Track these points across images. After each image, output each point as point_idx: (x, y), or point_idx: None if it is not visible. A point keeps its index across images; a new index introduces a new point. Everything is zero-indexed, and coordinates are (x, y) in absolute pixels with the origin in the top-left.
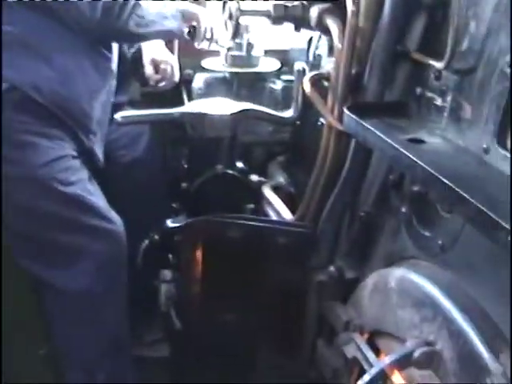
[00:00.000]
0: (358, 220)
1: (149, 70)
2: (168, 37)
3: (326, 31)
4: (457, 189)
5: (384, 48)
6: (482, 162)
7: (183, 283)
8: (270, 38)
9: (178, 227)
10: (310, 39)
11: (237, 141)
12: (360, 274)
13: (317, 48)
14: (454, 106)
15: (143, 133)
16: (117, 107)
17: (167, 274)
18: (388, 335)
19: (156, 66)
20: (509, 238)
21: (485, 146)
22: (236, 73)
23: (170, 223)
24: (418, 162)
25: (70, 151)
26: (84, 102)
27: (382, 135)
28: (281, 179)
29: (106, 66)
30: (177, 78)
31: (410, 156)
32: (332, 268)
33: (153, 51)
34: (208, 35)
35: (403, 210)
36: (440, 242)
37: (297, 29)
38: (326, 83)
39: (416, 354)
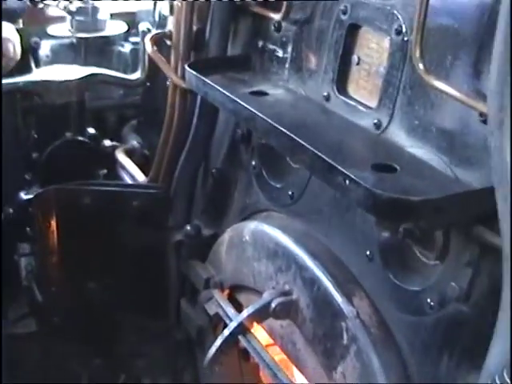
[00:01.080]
0: (211, 177)
1: None
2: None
3: None
4: (295, 137)
5: (223, 3)
6: (323, 109)
7: (41, 255)
8: (116, 1)
9: (30, 199)
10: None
11: (86, 106)
12: (217, 231)
13: (162, 8)
14: (295, 56)
15: None
16: None
17: (26, 247)
18: (247, 289)
19: None
20: (347, 182)
21: (325, 93)
22: (83, 38)
23: (23, 195)
24: (258, 113)
25: None
26: None
27: (222, 89)
28: (134, 142)
29: None
30: (18, 55)
31: (250, 108)
32: (189, 227)
33: None
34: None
35: (253, 163)
36: (290, 192)
37: None
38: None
39: (273, 305)
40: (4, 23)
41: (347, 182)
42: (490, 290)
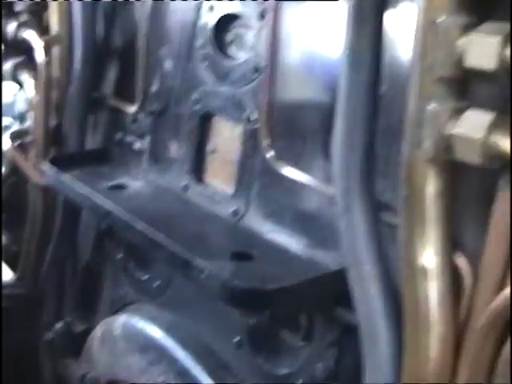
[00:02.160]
0: (80, 271)
1: None
2: None
3: (22, 84)
4: (149, 235)
5: (79, 96)
6: (182, 200)
7: None
8: None
9: None
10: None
11: None
12: (90, 326)
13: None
14: (152, 147)
15: None
16: None
17: None
18: (123, 383)
19: None
20: (203, 275)
21: (184, 183)
22: None
23: None
24: (113, 210)
25: None
26: None
27: (79, 186)
28: (2, 239)
29: None
30: None
31: (105, 205)
32: (60, 324)
33: None
34: None
35: (119, 256)
36: (157, 283)
37: None
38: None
39: None
40: None
41: (204, 275)
42: (355, 367)
